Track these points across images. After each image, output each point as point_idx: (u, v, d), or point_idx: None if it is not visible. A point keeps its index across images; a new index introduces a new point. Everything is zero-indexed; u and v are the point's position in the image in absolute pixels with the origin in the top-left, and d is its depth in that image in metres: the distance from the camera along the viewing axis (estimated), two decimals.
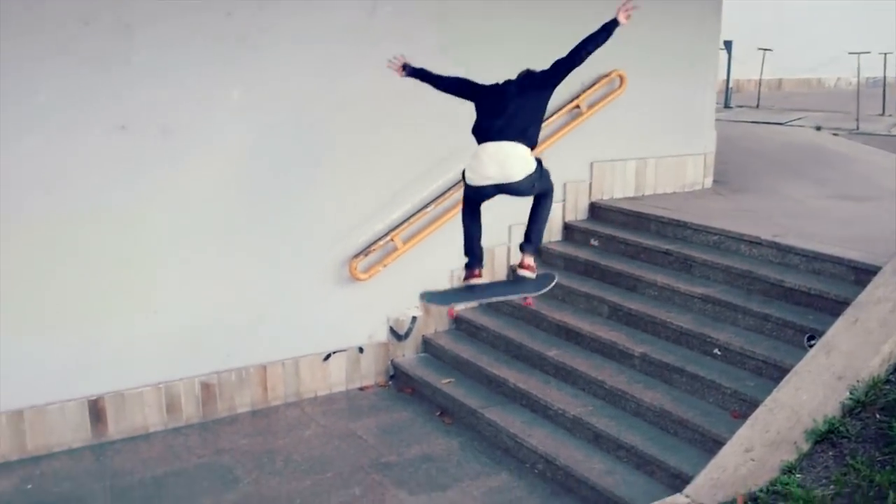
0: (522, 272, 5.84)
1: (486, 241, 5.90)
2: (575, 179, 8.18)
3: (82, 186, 6.02)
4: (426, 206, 7.25)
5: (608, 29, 5.35)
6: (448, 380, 6.97)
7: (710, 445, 5.26)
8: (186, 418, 6.62)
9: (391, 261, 7.09)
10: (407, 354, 7.47)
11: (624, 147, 8.47)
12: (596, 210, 8.26)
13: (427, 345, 7.53)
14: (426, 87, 7.01)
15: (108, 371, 6.31)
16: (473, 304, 5.83)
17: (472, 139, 5.56)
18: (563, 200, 8.12)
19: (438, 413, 6.77)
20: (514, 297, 6.06)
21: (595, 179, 8.31)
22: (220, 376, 6.69)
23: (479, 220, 5.81)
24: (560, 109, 7.83)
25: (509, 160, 5.30)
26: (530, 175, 5.36)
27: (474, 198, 5.71)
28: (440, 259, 7.33)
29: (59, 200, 5.96)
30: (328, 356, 7.14)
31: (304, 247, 6.88)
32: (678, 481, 5.05)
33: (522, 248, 5.92)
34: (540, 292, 5.91)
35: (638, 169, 8.60)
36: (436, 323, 7.60)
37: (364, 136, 6.98)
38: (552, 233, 8.07)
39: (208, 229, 6.49)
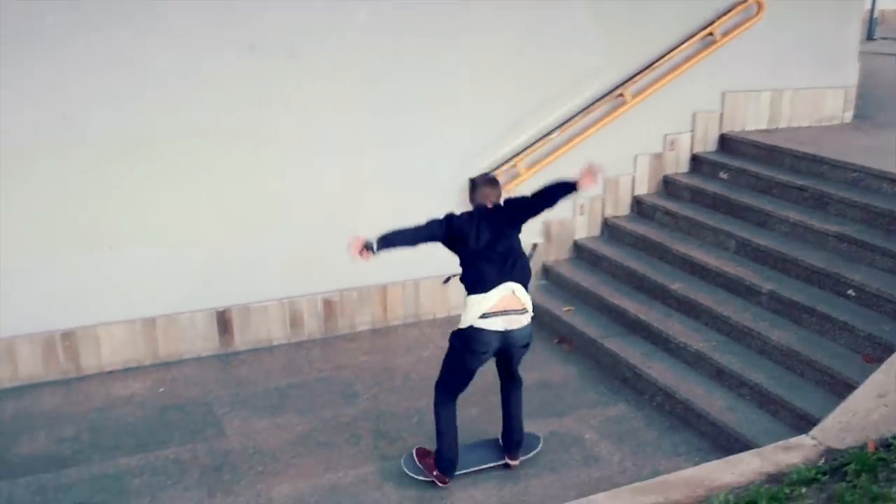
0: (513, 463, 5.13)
1: (610, 171, 5.64)
2: (705, 110, 7.90)
3: (211, 106, 6.14)
4: (551, 132, 7.14)
5: (567, 190, 4.80)
6: (568, 308, 6.94)
7: (840, 388, 5.10)
8: (308, 333, 6.78)
9: (514, 186, 7.03)
10: None
11: (758, 77, 8.10)
12: (726, 142, 7.97)
13: (547, 272, 7.50)
14: (558, 16, 6.88)
15: (236, 284, 6.52)
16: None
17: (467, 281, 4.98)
18: (692, 131, 7.87)
19: (557, 340, 6.75)
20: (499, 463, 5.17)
21: (727, 110, 8.00)
22: (342, 294, 6.81)
23: (456, 414, 4.97)
24: (692, 37, 7.53)
25: (520, 296, 4.77)
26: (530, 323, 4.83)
27: (469, 363, 4.85)
28: None
29: (189, 119, 6.09)
30: (448, 279, 7.11)
31: (428, 169, 6.89)
32: (803, 423, 4.92)
33: (512, 453, 5.11)
34: (527, 456, 5.18)
35: (773, 100, 8.23)
36: (557, 251, 7.54)
37: (489, 60, 6.89)
38: (679, 164, 7.86)
39: (334, 149, 6.55)
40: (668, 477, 4.35)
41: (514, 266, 4.81)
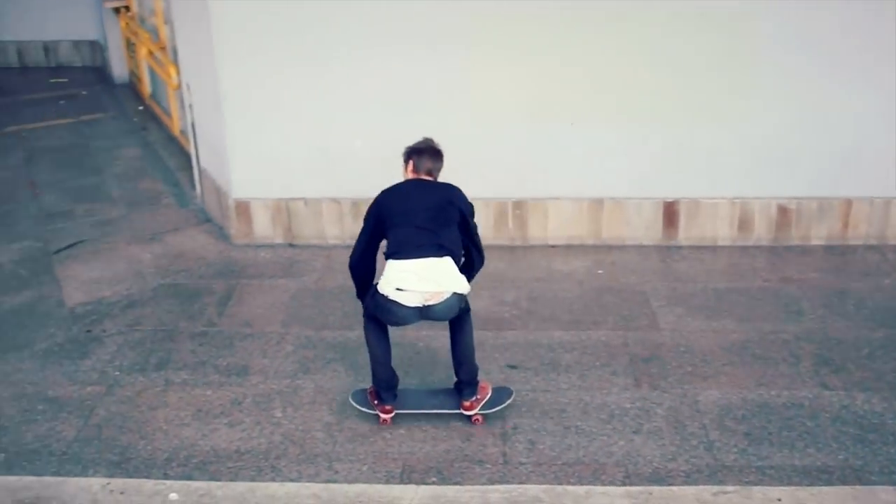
0: (470, 413, 4.55)
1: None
2: None
3: None
4: None
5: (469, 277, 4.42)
6: None
7: None
8: (756, 238, 6.42)
9: None
10: None
11: None
12: None
13: None
14: None
15: (687, 177, 6.32)
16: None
17: None
18: None
19: None
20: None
21: None
22: (799, 203, 6.32)
23: (388, 337, 4.53)
24: None
25: (438, 276, 4.22)
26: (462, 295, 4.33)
27: (387, 322, 4.46)
28: None
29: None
30: None
31: (858, 63, 6.03)
32: None
33: (463, 392, 4.53)
34: (492, 410, 4.58)
35: None
36: None
37: None
38: None
39: (812, 39, 5.97)
40: None
41: (442, 235, 4.27)
